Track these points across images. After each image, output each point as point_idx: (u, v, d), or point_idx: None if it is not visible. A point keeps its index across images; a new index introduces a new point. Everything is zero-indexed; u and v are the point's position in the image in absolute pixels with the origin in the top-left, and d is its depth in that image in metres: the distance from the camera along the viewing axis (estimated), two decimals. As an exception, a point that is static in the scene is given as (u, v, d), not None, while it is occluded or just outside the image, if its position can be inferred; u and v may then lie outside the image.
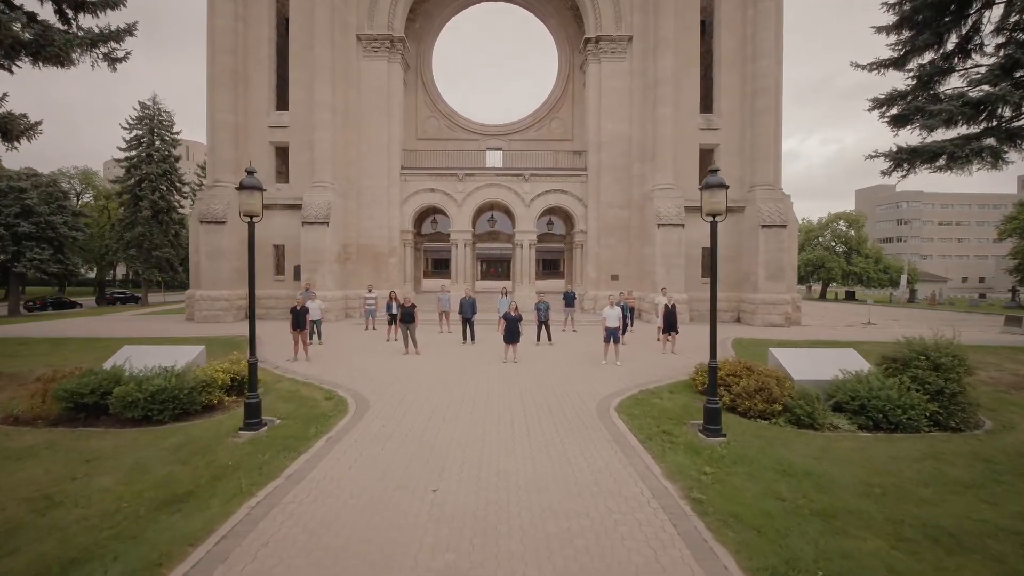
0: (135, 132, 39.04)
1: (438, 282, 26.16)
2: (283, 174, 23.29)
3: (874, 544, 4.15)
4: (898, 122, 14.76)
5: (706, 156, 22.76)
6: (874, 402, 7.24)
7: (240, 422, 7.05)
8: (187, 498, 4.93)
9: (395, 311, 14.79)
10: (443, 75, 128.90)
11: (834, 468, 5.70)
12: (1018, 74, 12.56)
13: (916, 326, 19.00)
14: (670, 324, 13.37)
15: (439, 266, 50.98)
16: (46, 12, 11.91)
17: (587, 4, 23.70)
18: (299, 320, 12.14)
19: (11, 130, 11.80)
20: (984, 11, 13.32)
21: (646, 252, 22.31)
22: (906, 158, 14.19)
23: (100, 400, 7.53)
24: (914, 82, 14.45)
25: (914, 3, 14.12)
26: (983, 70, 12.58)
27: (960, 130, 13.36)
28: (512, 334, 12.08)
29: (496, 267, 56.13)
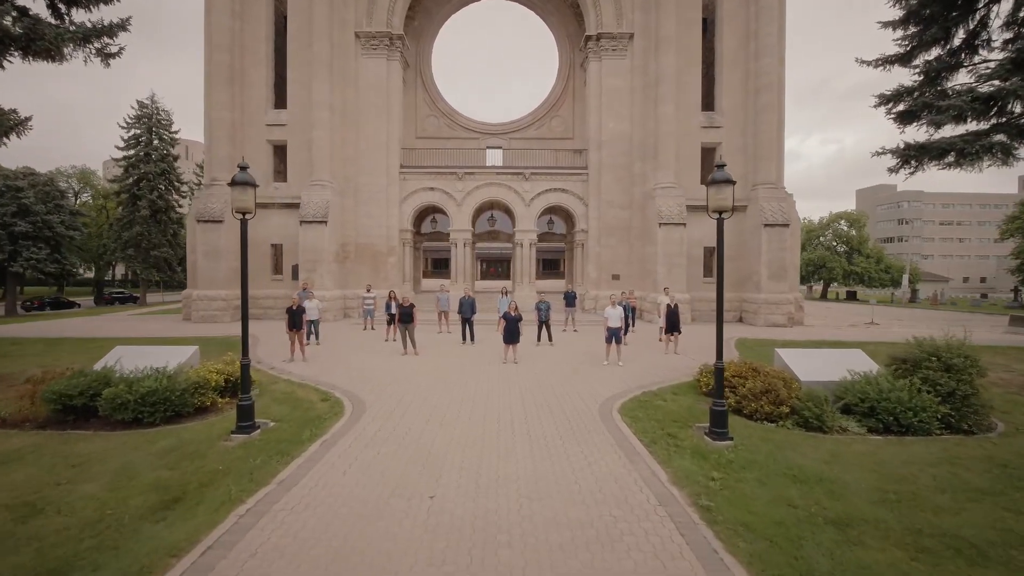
0: (133, 131, 38.89)
1: (437, 282, 25.94)
2: (281, 173, 23.08)
3: (892, 555, 3.95)
4: (905, 119, 14.55)
5: (708, 154, 22.58)
6: (884, 404, 7.03)
7: (233, 425, 6.86)
8: (173, 505, 4.73)
9: (394, 311, 14.61)
10: (443, 73, 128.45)
11: (846, 473, 5.50)
12: None
13: (920, 326, 18.81)
14: (673, 324, 13.19)
15: (439, 266, 50.77)
16: (39, 7, 11.74)
17: (588, 1, 23.49)
18: (295, 320, 11.95)
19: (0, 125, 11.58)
20: (992, 5, 13.14)
21: (647, 251, 22.11)
22: (914, 155, 13.97)
23: (89, 402, 7.33)
24: (921, 78, 14.25)
25: (922, -3, 13.90)
26: (993, 65, 12.36)
27: (968, 126, 13.16)
28: (512, 334, 11.89)
29: (496, 267, 55.90)
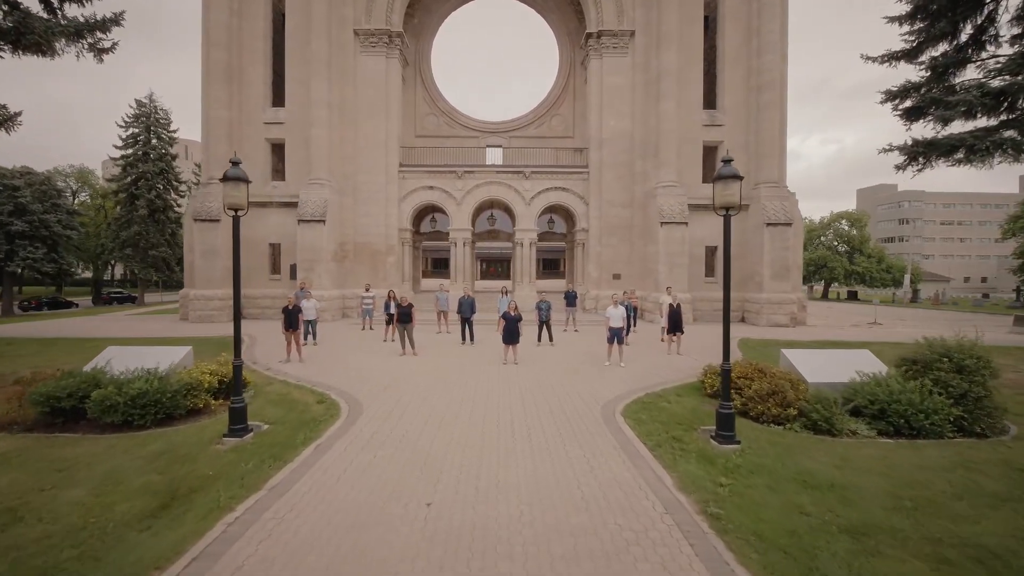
0: (131, 130, 38.67)
1: (437, 281, 25.73)
2: (280, 172, 22.88)
3: (913, 566, 3.76)
4: (912, 115, 14.33)
5: (709, 153, 22.40)
6: (895, 406, 6.83)
7: (226, 428, 6.66)
8: (160, 513, 4.54)
9: (393, 311, 14.44)
10: (442, 72, 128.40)
11: (859, 478, 5.31)
12: None
13: (924, 326, 18.63)
14: (675, 324, 13.01)
15: (438, 265, 50.57)
16: (31, 0, 11.54)
17: (588, -2, 23.31)
18: (291, 320, 11.76)
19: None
20: (1000, 0, 12.92)
21: (649, 251, 21.91)
22: (922, 151, 13.73)
23: (78, 404, 7.12)
24: (928, 74, 14.02)
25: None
26: (1003, 59, 12.14)
27: (977, 123, 12.98)
28: (511, 334, 11.69)
29: (496, 266, 55.70)
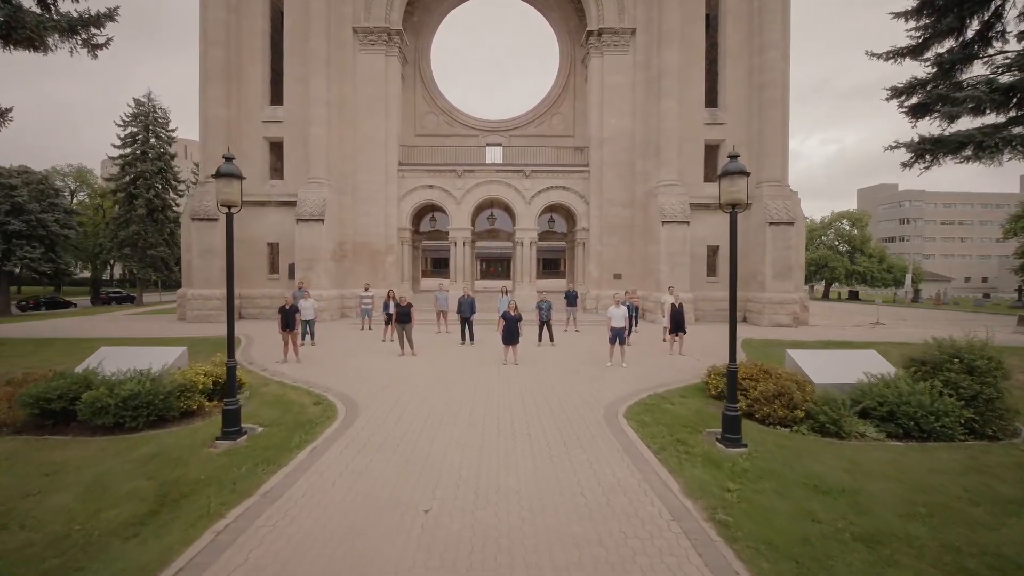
0: (130, 129, 38.47)
1: (437, 281, 25.57)
2: (278, 171, 22.72)
3: (931, 577, 3.60)
4: (918, 112, 14.17)
5: (711, 151, 22.24)
6: (904, 408, 6.67)
7: (219, 430, 6.50)
8: (148, 520, 4.37)
9: (392, 310, 14.28)
10: (442, 70, 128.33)
11: (870, 483, 5.15)
12: None
13: (926, 326, 18.48)
14: (677, 324, 12.85)
15: (438, 265, 50.40)
16: (25, -4, 11.36)
17: (589, -4, 23.13)
18: (288, 320, 11.60)
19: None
20: (1009, -5, 12.77)
21: (650, 250, 21.75)
22: (929, 148, 13.57)
23: (69, 406, 6.96)
24: (934, 70, 13.86)
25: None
26: (1012, 55, 11.97)
27: (985, 120, 12.78)
28: (511, 335, 11.53)
29: (496, 266, 55.53)
